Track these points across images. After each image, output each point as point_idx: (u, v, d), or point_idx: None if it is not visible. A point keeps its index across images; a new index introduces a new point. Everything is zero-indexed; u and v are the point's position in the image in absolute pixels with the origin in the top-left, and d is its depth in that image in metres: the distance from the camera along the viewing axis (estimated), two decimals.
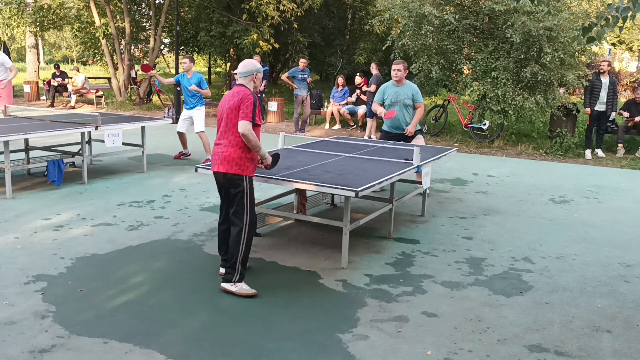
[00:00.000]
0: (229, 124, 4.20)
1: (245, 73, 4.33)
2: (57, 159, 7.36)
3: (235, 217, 4.26)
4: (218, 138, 4.32)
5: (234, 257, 4.23)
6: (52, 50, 50.29)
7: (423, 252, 5.33)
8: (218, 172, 4.27)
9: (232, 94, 4.26)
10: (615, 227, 6.37)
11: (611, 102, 10.90)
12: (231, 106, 4.19)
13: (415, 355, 3.45)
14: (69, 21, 20.47)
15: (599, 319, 4.03)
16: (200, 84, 9.04)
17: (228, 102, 4.22)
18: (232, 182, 4.22)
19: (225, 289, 4.26)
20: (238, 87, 4.30)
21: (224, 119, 4.24)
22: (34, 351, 3.36)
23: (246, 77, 4.33)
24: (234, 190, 4.23)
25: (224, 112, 4.25)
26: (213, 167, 4.32)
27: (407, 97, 7.03)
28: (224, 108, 4.27)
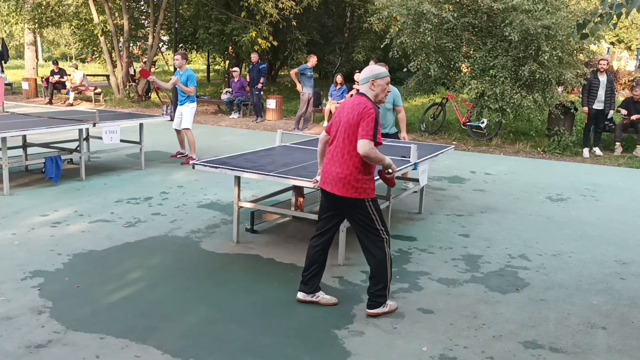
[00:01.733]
0: (345, 141, 3.75)
1: (363, 80, 3.83)
2: (55, 156, 7.36)
3: (371, 245, 3.85)
4: (330, 152, 3.87)
5: (382, 283, 3.86)
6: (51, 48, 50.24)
7: (420, 249, 5.35)
8: (332, 194, 3.83)
9: (352, 104, 3.78)
10: (612, 225, 6.39)
11: (609, 101, 10.92)
12: (350, 120, 3.72)
13: (410, 351, 3.47)
14: (67, 18, 20.46)
15: (594, 315, 4.05)
16: (187, 81, 9.00)
17: (347, 115, 3.76)
18: (353, 208, 3.83)
19: (378, 314, 3.89)
20: (359, 96, 3.81)
21: (341, 133, 3.77)
22: (30, 346, 3.37)
23: (364, 85, 3.83)
24: (359, 216, 3.83)
25: (342, 126, 3.78)
26: (325, 185, 3.88)
27: (387, 100, 7.08)
28: (341, 120, 3.80)
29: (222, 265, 4.78)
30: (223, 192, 7.27)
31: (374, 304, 3.90)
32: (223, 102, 16.23)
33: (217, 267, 4.74)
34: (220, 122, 14.86)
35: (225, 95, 16.39)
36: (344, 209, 3.89)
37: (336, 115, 3.90)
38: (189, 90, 9.04)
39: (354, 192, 3.77)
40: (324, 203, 4.01)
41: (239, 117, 15.51)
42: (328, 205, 3.98)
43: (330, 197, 3.90)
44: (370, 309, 3.90)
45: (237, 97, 15.72)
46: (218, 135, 12.41)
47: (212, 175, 8.09)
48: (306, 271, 4.06)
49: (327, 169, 3.87)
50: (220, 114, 16.32)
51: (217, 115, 16.20)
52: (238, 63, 20.73)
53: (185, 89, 9.01)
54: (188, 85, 9.00)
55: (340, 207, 3.90)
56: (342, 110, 3.84)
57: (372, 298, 3.90)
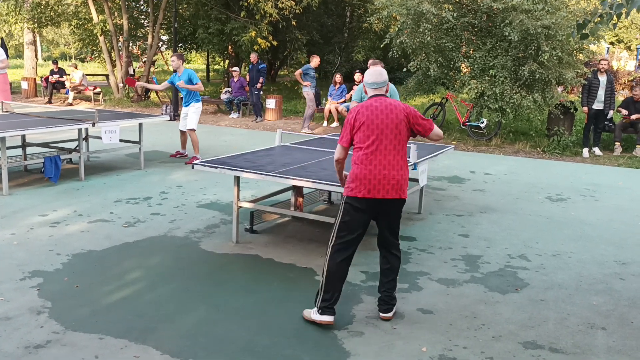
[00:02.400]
0: (402, 143, 3.68)
1: (383, 83, 3.79)
2: (54, 156, 7.36)
3: (395, 246, 3.86)
4: (376, 157, 3.62)
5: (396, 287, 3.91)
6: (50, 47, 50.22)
7: (419, 250, 5.34)
8: (393, 199, 3.66)
9: (391, 106, 3.68)
10: (612, 225, 6.38)
11: (609, 101, 10.92)
12: (400, 124, 3.65)
13: (410, 352, 3.46)
14: (66, 18, 20.44)
15: (594, 316, 4.04)
16: (190, 80, 8.98)
17: (394, 119, 3.65)
18: (400, 208, 3.77)
19: (391, 317, 3.88)
20: (384, 98, 3.74)
21: (394, 137, 3.64)
22: (29, 347, 3.37)
23: (383, 87, 3.79)
24: (399, 215, 3.80)
25: (391, 129, 3.63)
26: (386, 194, 3.63)
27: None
28: (385, 124, 3.63)
29: (222, 266, 4.77)
30: (222, 192, 7.26)
31: (391, 307, 3.87)
32: (222, 102, 16.22)
33: (217, 267, 4.73)
34: (220, 121, 14.84)
35: (224, 95, 16.38)
36: (393, 212, 3.74)
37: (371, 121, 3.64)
38: (198, 87, 9.03)
39: (407, 190, 3.76)
40: (364, 215, 3.68)
41: (238, 117, 15.50)
42: (369, 216, 3.71)
43: (384, 204, 3.66)
44: (388, 313, 3.86)
45: (237, 96, 15.71)
46: (217, 135, 12.40)
47: (212, 175, 8.08)
48: (338, 292, 3.73)
49: (383, 175, 3.60)
50: (219, 114, 16.31)
51: (216, 115, 16.19)
52: (238, 63, 20.72)
53: (194, 87, 9.00)
54: (194, 82, 9.00)
55: (390, 212, 3.73)
56: (380, 114, 3.64)
57: (390, 300, 3.86)
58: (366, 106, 3.71)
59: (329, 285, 3.69)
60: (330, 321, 3.67)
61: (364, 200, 3.63)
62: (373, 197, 3.61)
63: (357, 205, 3.65)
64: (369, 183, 3.61)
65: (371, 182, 3.61)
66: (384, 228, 3.82)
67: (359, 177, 3.63)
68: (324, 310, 3.67)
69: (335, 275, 3.69)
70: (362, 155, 3.65)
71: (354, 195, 3.65)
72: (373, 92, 3.80)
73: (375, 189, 3.61)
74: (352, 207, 3.67)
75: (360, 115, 3.68)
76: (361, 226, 3.71)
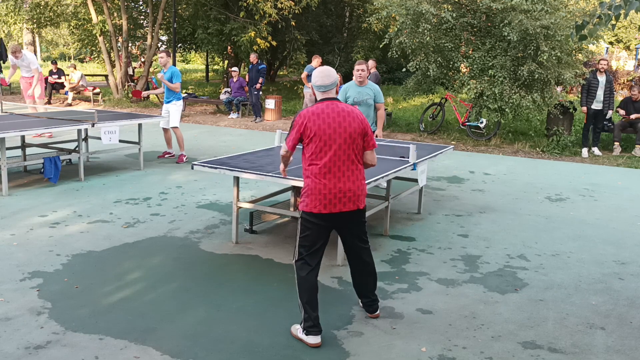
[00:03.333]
0: (355, 152, 3.52)
1: (332, 85, 3.55)
2: (54, 156, 7.36)
3: (365, 251, 3.77)
4: (329, 168, 3.46)
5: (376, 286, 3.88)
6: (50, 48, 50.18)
7: (419, 250, 5.35)
8: (352, 211, 3.54)
9: (346, 112, 3.50)
10: (611, 225, 6.39)
11: (608, 101, 10.93)
12: (354, 132, 3.47)
13: (409, 352, 3.47)
14: (66, 18, 20.43)
15: (593, 315, 4.05)
16: (171, 78, 9.01)
17: (347, 127, 3.46)
18: (364, 215, 3.69)
19: (379, 315, 3.91)
20: (337, 103, 3.54)
21: (347, 147, 3.47)
22: (29, 347, 3.37)
23: (333, 89, 3.58)
24: (362, 223, 3.69)
25: (346, 138, 3.46)
26: (343, 207, 3.49)
27: (369, 97, 7.01)
28: (342, 131, 3.45)
29: (221, 266, 4.78)
30: (222, 192, 7.27)
31: (375, 307, 3.89)
32: (222, 102, 16.22)
33: (216, 267, 4.74)
34: (219, 122, 14.85)
35: (224, 95, 16.38)
36: (354, 222, 3.63)
37: (325, 127, 3.44)
38: (175, 87, 9.05)
39: (365, 199, 3.63)
40: (322, 229, 3.55)
41: (237, 117, 15.50)
42: (328, 229, 3.58)
43: (342, 217, 3.54)
44: (375, 312, 3.89)
45: (236, 97, 15.71)
46: (217, 135, 12.40)
47: (211, 175, 8.09)
48: (316, 306, 3.56)
49: (338, 188, 3.47)
50: (219, 114, 16.32)
51: (215, 115, 16.19)
52: (237, 63, 20.73)
53: (171, 86, 9.01)
54: (173, 82, 9.00)
55: (351, 222, 3.62)
56: (332, 123, 3.45)
57: (375, 301, 3.88)
58: (317, 114, 3.47)
59: (305, 300, 3.54)
60: (317, 343, 3.49)
61: (319, 216, 3.50)
62: (329, 212, 3.48)
63: (313, 221, 3.52)
64: (324, 198, 3.46)
65: (326, 197, 3.46)
66: (348, 237, 3.70)
67: (313, 192, 3.47)
68: (309, 331, 3.52)
69: (306, 289, 3.54)
70: (315, 169, 3.47)
71: (309, 211, 3.51)
72: (322, 95, 3.57)
73: (332, 203, 3.47)
74: (308, 222, 3.54)
75: (311, 125, 3.45)
76: (321, 238, 3.58)
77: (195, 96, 17.87)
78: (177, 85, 9.06)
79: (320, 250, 3.60)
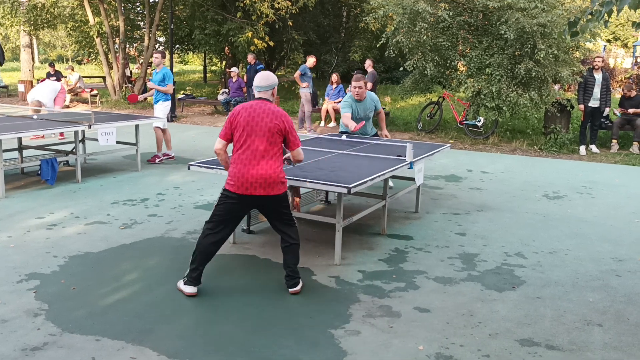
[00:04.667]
0: (272, 145, 4.01)
1: (267, 87, 4.12)
2: (51, 158, 7.35)
3: (293, 226, 4.27)
4: (247, 156, 4.00)
5: (296, 265, 4.27)
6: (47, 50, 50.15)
7: (416, 248, 5.35)
8: (266, 196, 4.04)
9: (268, 112, 4.00)
10: (608, 222, 6.40)
11: (605, 98, 10.94)
12: (274, 128, 3.98)
13: (407, 350, 3.47)
14: (63, 20, 20.41)
15: (590, 313, 4.05)
16: (163, 79, 8.97)
17: (269, 122, 3.97)
18: (282, 200, 4.15)
19: (299, 290, 4.26)
20: (267, 103, 4.08)
21: (265, 140, 3.97)
22: (26, 349, 3.36)
23: (268, 91, 4.13)
24: (283, 206, 4.17)
25: (264, 132, 3.97)
26: (253, 191, 3.99)
27: (370, 110, 6.98)
28: (260, 127, 3.97)
29: (219, 266, 4.77)
30: (219, 192, 7.25)
31: (294, 282, 4.24)
32: (220, 103, 16.21)
33: (214, 267, 4.73)
34: (217, 122, 14.84)
35: (221, 96, 16.38)
36: (275, 205, 4.13)
37: (246, 121, 3.98)
38: (167, 90, 9.03)
39: (284, 186, 4.12)
40: (236, 207, 4.09)
41: None
42: (242, 208, 4.11)
43: (264, 200, 4.06)
44: (294, 287, 4.24)
45: (234, 97, 15.70)
46: (214, 136, 12.39)
47: (208, 176, 8.08)
48: (202, 265, 4.16)
49: (251, 174, 3.98)
50: (217, 115, 16.31)
51: (213, 116, 16.19)
52: (235, 63, 20.72)
53: (164, 90, 8.99)
54: (165, 83, 8.98)
55: (272, 206, 4.13)
56: (257, 116, 3.98)
57: (295, 276, 4.25)
58: (247, 109, 4.03)
59: (196, 262, 4.13)
60: (193, 292, 4.13)
61: (236, 195, 4.04)
62: (242, 193, 4.01)
63: (230, 196, 4.07)
64: (237, 181, 4.00)
65: (239, 180, 3.99)
66: (269, 217, 4.22)
67: (236, 175, 4.01)
68: (189, 282, 4.15)
69: (202, 254, 4.13)
70: (236, 155, 4.04)
71: (227, 188, 4.09)
72: (258, 94, 4.13)
73: (244, 186, 3.98)
74: (226, 197, 4.10)
75: (239, 117, 4.02)
76: (231, 213, 4.11)
77: (193, 97, 17.86)
78: (170, 87, 9.05)
79: (229, 224, 4.14)
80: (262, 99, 4.10)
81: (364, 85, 6.82)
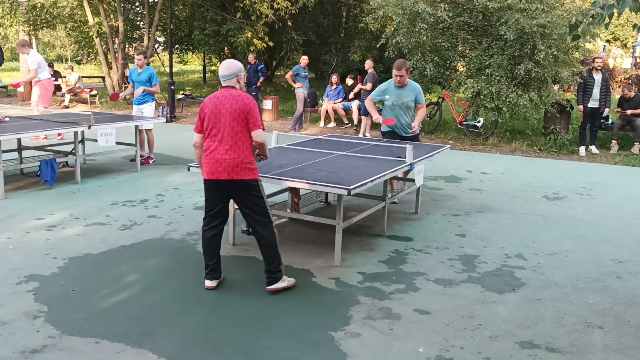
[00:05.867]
0: (235, 130, 4.08)
1: (231, 75, 4.20)
2: (50, 159, 7.34)
3: (264, 217, 4.24)
4: (214, 143, 4.12)
5: (276, 261, 4.26)
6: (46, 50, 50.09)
7: (416, 250, 5.34)
8: (230, 180, 4.11)
9: (229, 97, 4.10)
10: (608, 223, 6.39)
11: (604, 99, 10.94)
12: (235, 112, 4.06)
13: (407, 353, 3.46)
14: (62, 20, 20.38)
15: (591, 315, 4.05)
16: (150, 80, 8.91)
17: (230, 107, 4.07)
18: (250, 188, 4.17)
19: (278, 289, 4.27)
20: (231, 90, 4.16)
21: (228, 124, 4.07)
22: (25, 351, 3.36)
23: (232, 79, 4.21)
24: (253, 196, 4.19)
25: (227, 118, 4.07)
26: (219, 175, 4.11)
27: (410, 99, 6.73)
28: (223, 113, 4.08)
29: None
30: None
31: (274, 279, 4.26)
32: None
33: None
34: None
35: None
36: (242, 191, 4.17)
37: (211, 108, 4.12)
38: (156, 90, 9.00)
39: (252, 173, 4.15)
40: (215, 193, 4.23)
41: None
42: (219, 194, 4.23)
43: (229, 185, 4.15)
44: (269, 286, 4.26)
45: None
46: None
47: None
48: (212, 259, 4.33)
49: (216, 158, 4.09)
50: None
51: None
52: None
53: (153, 90, 8.96)
54: (152, 83, 8.95)
55: (239, 192, 4.18)
56: (220, 104, 4.10)
57: (270, 275, 4.26)
58: (212, 99, 4.19)
59: (204, 254, 4.34)
60: (209, 286, 4.31)
61: (209, 181, 4.20)
62: (211, 178, 4.15)
63: (207, 185, 4.25)
64: (206, 167, 4.16)
65: (207, 166, 4.15)
66: (242, 211, 4.28)
67: (205, 162, 4.18)
68: (206, 275, 4.35)
69: (205, 245, 4.32)
70: (205, 144, 4.19)
71: (204, 178, 4.25)
72: (224, 84, 4.23)
73: (211, 171, 4.13)
74: (205, 187, 4.28)
75: (206, 108, 4.18)
76: (217, 203, 4.25)
77: (192, 97, 17.84)
78: (158, 87, 9.02)
79: (218, 214, 4.29)
80: (227, 87, 4.19)
81: (406, 73, 6.70)
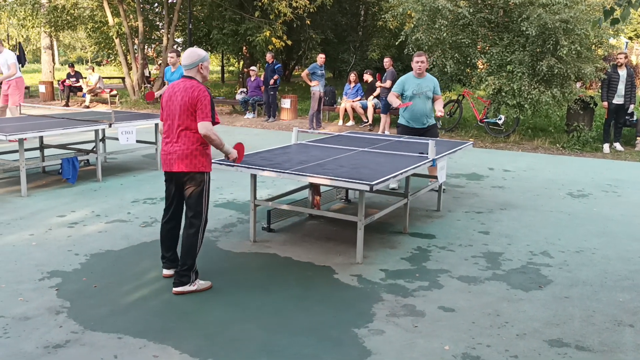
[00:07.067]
0: (185, 121, 4.02)
1: (191, 65, 4.07)
2: (72, 157, 7.39)
3: (194, 218, 4.13)
4: (168, 135, 4.11)
5: (187, 265, 4.11)
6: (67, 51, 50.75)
7: (439, 247, 5.26)
8: (175, 172, 4.09)
9: (183, 88, 4.03)
10: (635, 221, 6.24)
11: (629, 95, 10.73)
12: (184, 104, 3.98)
13: (432, 350, 3.39)
14: (82, 21, 20.60)
15: (621, 313, 3.94)
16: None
17: (180, 99, 4.00)
18: (193, 180, 4.10)
19: (183, 292, 4.12)
20: (187, 80, 4.07)
21: (177, 116, 4.03)
22: (48, 346, 3.35)
23: (192, 69, 4.08)
24: (194, 189, 4.11)
25: (177, 109, 4.02)
26: (167, 167, 4.11)
27: (429, 89, 6.97)
28: (174, 104, 4.04)
29: (239, 265, 4.74)
30: (239, 191, 7.24)
31: (182, 281, 4.14)
32: (238, 102, 16.22)
33: (234, 266, 4.70)
34: (235, 122, 14.85)
35: (239, 95, 16.39)
36: (186, 183, 4.13)
37: (166, 99, 4.11)
38: None
39: (200, 165, 4.11)
40: (169, 185, 4.25)
41: (253, 117, 15.49)
42: (170, 187, 4.25)
43: (174, 177, 4.15)
44: (176, 287, 4.14)
45: (252, 96, 15.69)
46: (233, 135, 12.39)
47: (228, 174, 8.06)
48: (168, 251, 4.36)
49: (167, 150, 4.11)
50: (235, 114, 16.33)
51: (231, 115, 16.21)
52: (252, 63, 20.74)
53: None
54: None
55: (183, 184, 4.15)
56: (173, 95, 4.06)
57: (177, 277, 4.16)
58: (168, 89, 4.17)
59: (162, 246, 4.39)
60: (166, 274, 4.38)
61: (164, 173, 4.25)
62: (164, 170, 4.21)
63: (164, 176, 4.29)
64: (161, 158, 4.20)
65: (161, 157, 4.19)
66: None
67: (161, 153, 4.21)
68: (163, 265, 4.41)
69: (163, 238, 4.36)
70: (163, 135, 4.20)
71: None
72: (185, 73, 4.14)
73: (163, 162, 4.18)
74: (164, 178, 4.31)
75: (163, 99, 4.18)
76: (170, 194, 4.27)
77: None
78: None
79: (172, 206, 4.28)
80: (186, 78, 4.10)
81: (426, 61, 7.03)
